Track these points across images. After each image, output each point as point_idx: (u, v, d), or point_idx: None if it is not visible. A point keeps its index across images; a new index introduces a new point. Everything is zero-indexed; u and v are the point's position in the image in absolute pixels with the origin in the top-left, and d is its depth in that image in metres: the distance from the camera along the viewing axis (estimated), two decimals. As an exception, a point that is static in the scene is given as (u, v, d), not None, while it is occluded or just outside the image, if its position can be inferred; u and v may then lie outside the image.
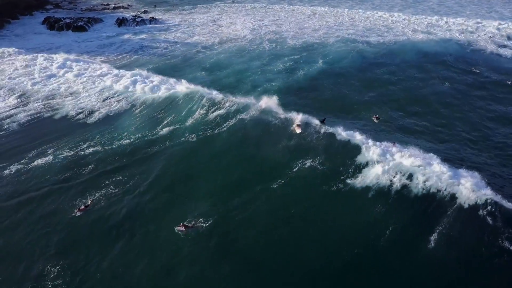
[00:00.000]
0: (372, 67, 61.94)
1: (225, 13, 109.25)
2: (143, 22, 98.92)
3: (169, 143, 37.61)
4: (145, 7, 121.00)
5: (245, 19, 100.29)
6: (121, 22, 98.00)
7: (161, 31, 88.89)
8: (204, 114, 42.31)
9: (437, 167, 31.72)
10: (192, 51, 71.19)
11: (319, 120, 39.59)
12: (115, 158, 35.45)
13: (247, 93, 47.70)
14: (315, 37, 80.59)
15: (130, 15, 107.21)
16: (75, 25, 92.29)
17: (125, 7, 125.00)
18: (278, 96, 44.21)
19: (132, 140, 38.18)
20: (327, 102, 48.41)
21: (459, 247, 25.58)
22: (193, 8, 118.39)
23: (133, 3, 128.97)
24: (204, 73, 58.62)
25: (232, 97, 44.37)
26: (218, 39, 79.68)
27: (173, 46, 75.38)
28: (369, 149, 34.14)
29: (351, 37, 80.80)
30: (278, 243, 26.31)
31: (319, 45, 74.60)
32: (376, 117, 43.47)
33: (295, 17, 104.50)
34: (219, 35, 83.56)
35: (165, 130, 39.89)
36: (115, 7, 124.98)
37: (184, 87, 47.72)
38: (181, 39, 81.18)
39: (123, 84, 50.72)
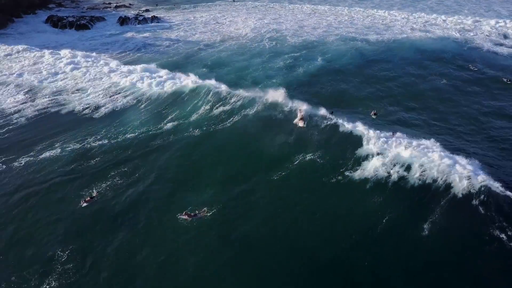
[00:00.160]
0: (370, 65, 62.90)
1: (226, 12, 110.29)
2: (145, 20, 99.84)
3: (173, 137, 38.73)
4: (147, 6, 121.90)
5: (246, 18, 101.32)
6: (123, 20, 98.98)
7: (163, 29, 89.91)
8: (208, 109, 43.50)
9: (435, 155, 32.93)
10: (194, 49, 72.23)
11: (328, 112, 41.47)
12: (121, 151, 36.58)
13: (248, 90, 49.06)
14: (314, 35, 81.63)
15: (132, 13, 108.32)
16: (78, 23, 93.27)
17: (126, 6, 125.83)
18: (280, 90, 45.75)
19: (137, 134, 39.39)
20: (326, 98, 49.32)
21: (452, 235, 26.59)
22: (194, 6, 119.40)
23: (134, 2, 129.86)
24: (205, 70, 59.50)
25: (238, 92, 45.47)
26: (219, 37, 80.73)
27: (175, 44, 76.46)
28: (369, 141, 35.30)
29: (351, 35, 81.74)
30: (279, 232, 27.14)
31: (318, 43, 75.61)
32: (374, 113, 44.51)
33: (295, 15, 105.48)
34: (220, 33, 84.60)
35: (170, 125, 41.06)
36: (117, 6, 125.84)
37: (190, 81, 48.74)
38: (183, 37, 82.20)
39: (130, 80, 51.79)
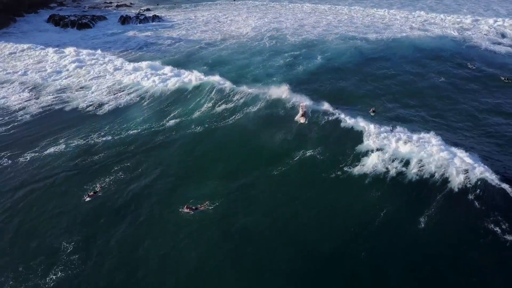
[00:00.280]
0: (370, 63, 63.56)
1: (227, 11, 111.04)
2: (146, 19, 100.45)
3: (176, 133, 39.47)
4: (148, 5, 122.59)
5: (246, 17, 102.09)
6: (125, 19, 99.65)
7: (165, 28, 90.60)
8: (211, 107, 44.31)
9: (434, 149, 33.93)
10: (195, 47, 72.98)
11: (332, 107, 42.74)
12: (124, 147, 37.26)
13: (251, 87, 49.80)
14: (314, 34, 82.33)
15: (133, 13, 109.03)
16: (80, 22, 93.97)
17: (127, 5, 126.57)
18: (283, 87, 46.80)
19: (139, 130, 40.12)
20: (326, 95, 49.64)
21: (448, 228, 27.21)
22: (195, 6, 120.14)
23: (135, 1, 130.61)
24: (207, 68, 60.17)
25: (241, 89, 46.26)
26: (220, 36, 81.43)
27: (176, 43, 77.16)
28: (369, 137, 36.14)
29: (350, 34, 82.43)
30: (278, 225, 27.72)
31: (318, 41, 76.31)
32: (372, 110, 45.14)
33: (296, 14, 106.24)
34: (221, 32, 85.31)
35: (172, 122, 41.82)
36: (118, 5, 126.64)
37: (194, 77, 49.69)
38: (184, 36, 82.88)
39: (134, 77, 52.64)
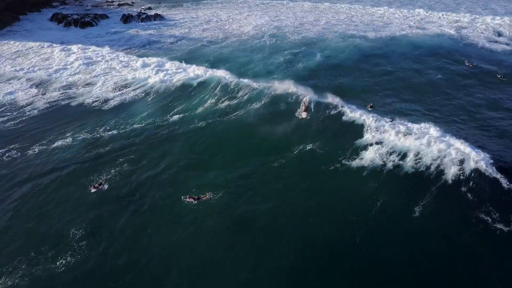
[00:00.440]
0: (368, 60, 64.78)
1: (228, 10, 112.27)
2: (148, 18, 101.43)
3: (180, 127, 40.69)
4: (149, 3, 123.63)
5: (247, 15, 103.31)
6: (127, 18, 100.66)
7: (167, 27, 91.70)
8: (215, 102, 45.61)
9: (431, 140, 35.47)
10: (197, 45, 74.19)
11: (336, 99, 44.33)
12: (129, 140, 38.44)
13: (254, 81, 51.06)
14: (314, 32, 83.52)
15: (135, 11, 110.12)
16: (83, 21, 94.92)
17: (129, 4, 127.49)
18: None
19: (144, 124, 41.33)
20: (325, 91, 51.16)
21: (442, 216, 28.43)
22: (196, 4, 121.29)
23: (137, 0, 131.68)
24: (208, 65, 60.93)
25: (245, 83, 47.67)
26: (222, 34, 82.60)
27: (179, 41, 78.32)
28: (368, 132, 37.54)
29: (349, 32, 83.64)
30: (278, 213, 28.75)
31: (318, 40, 77.51)
32: (370, 106, 46.30)
33: (296, 13, 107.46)
34: (222, 30, 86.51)
35: (176, 116, 43.05)
36: (120, 4, 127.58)
37: (200, 71, 51.20)
38: (186, 34, 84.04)
39: (139, 73, 53.93)
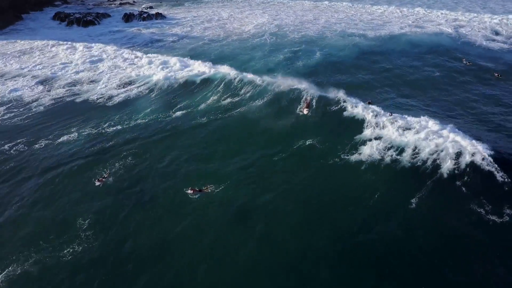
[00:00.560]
0: (368, 58, 65.75)
1: (229, 8, 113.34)
2: (149, 17, 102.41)
3: (182, 123, 41.71)
4: (151, 3, 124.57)
5: (248, 14, 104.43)
6: (128, 17, 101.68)
7: (168, 25, 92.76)
8: (217, 99, 46.72)
9: (428, 133, 36.51)
10: (198, 44, 75.33)
11: (340, 92, 45.27)
12: (133, 135, 39.48)
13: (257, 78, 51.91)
14: (314, 31, 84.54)
15: (136, 10, 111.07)
16: (85, 19, 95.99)
17: (130, 3, 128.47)
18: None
19: (147, 120, 42.42)
20: (326, 88, 52.00)
21: (437, 207, 29.32)
22: (197, 4, 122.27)
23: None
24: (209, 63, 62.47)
25: (248, 79, 48.70)
26: (223, 33, 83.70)
27: (180, 39, 79.44)
28: (368, 127, 38.54)
29: (349, 31, 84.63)
30: (279, 204, 29.58)
31: (318, 38, 78.53)
32: (368, 102, 47.15)
33: (296, 12, 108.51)
34: (224, 29, 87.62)
35: (179, 113, 44.10)
36: (121, 3, 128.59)
37: (206, 67, 52.53)
38: (187, 33, 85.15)
39: (143, 70, 55.12)
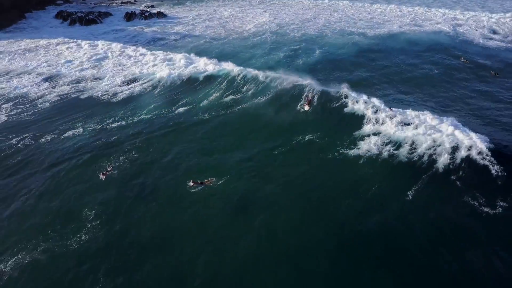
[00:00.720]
0: (367, 56, 66.65)
1: (230, 7, 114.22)
2: (151, 16, 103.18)
3: (185, 118, 42.75)
4: (151, 2, 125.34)
5: (249, 13, 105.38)
6: (130, 16, 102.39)
7: (170, 24, 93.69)
8: (219, 96, 47.82)
9: (426, 127, 37.59)
10: (200, 42, 76.35)
11: (344, 86, 46.27)
12: (136, 130, 40.48)
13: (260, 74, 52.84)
14: (314, 29, 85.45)
15: (137, 9, 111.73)
16: (87, 18, 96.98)
17: (131, 2, 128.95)
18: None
19: (150, 116, 43.42)
20: (324, 84, 52.87)
21: (433, 199, 30.32)
22: (199, 2, 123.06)
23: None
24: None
25: (251, 75, 49.88)
26: (224, 31, 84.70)
27: (182, 38, 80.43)
28: (368, 123, 39.54)
29: (349, 29, 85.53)
30: (278, 195, 30.48)
31: (317, 36, 79.39)
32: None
33: (297, 11, 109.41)
34: (225, 28, 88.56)
35: (182, 109, 45.14)
36: (122, 2, 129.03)
37: (210, 64, 53.88)
38: (189, 31, 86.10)
39: (147, 67, 56.21)
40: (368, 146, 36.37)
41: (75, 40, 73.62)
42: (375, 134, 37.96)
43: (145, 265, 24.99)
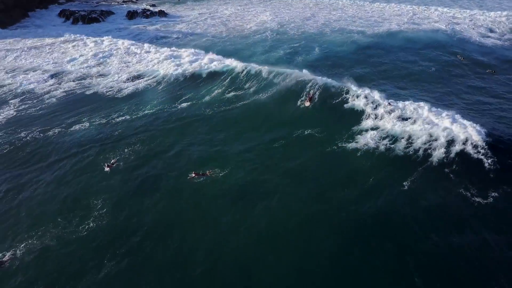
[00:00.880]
0: (366, 53, 67.82)
1: (231, 6, 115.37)
2: (153, 14, 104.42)
3: (187, 114, 43.87)
4: (153, 0, 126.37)
5: (250, 12, 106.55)
6: (132, 15, 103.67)
7: (172, 22, 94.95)
8: (221, 92, 49.01)
9: (423, 121, 38.68)
10: (202, 40, 77.56)
11: (347, 79, 47.64)
12: (141, 124, 41.69)
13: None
14: (314, 28, 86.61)
15: (139, 8, 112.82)
16: (90, 17, 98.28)
17: (133, 1, 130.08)
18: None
19: (154, 110, 44.64)
20: (324, 81, 53.88)
21: (428, 190, 31.26)
22: (200, 1, 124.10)
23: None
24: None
25: (254, 71, 50.96)
26: (225, 30, 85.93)
27: (184, 36, 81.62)
28: (367, 118, 40.57)
29: (348, 28, 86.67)
30: (276, 185, 31.45)
31: (317, 35, 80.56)
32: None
33: (297, 9, 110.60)
34: (226, 26, 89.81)
35: (185, 104, 46.34)
36: (124, 1, 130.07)
37: (216, 61, 55.32)
38: (190, 30, 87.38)
39: (151, 64, 57.48)
40: (365, 140, 37.33)
41: (80, 37, 74.96)
42: (373, 129, 39.06)
43: (148, 252, 26.05)
